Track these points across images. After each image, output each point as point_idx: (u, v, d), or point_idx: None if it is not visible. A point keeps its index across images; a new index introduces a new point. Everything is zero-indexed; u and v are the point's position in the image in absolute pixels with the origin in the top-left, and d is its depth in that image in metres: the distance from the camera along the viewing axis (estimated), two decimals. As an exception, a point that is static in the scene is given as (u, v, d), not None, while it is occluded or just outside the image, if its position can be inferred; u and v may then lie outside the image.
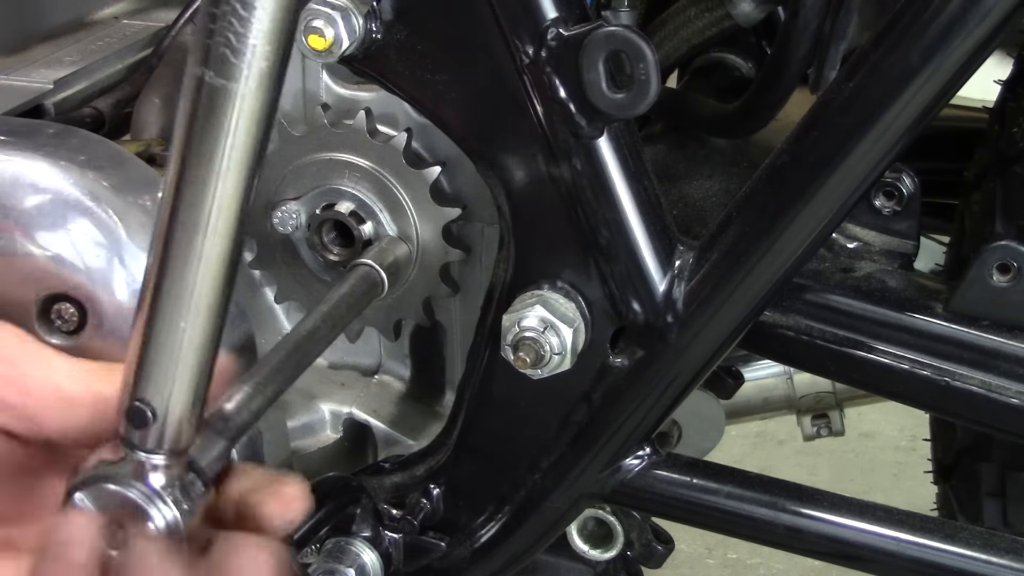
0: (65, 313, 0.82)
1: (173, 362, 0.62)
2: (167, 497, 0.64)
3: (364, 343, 1.08)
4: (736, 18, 0.99)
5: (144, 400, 0.63)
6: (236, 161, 0.58)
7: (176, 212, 0.59)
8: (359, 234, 0.97)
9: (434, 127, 0.84)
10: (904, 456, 2.41)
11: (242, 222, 0.60)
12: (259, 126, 0.58)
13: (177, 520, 0.64)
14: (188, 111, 0.57)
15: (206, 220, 0.59)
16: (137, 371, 0.63)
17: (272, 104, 0.58)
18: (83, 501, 0.65)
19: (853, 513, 0.84)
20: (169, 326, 0.61)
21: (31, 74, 1.03)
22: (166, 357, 0.62)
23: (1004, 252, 0.80)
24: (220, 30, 0.55)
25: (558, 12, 0.74)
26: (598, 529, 0.98)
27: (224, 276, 0.61)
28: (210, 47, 0.55)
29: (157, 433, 0.64)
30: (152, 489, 0.64)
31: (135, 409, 0.63)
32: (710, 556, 2.18)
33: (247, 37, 0.55)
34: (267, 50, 0.56)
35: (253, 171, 0.59)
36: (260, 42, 0.55)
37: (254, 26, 0.55)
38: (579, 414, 0.85)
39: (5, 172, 0.82)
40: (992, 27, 0.66)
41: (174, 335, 0.61)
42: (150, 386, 0.63)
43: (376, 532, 0.91)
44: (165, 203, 0.59)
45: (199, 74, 0.56)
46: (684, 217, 0.97)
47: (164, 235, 0.60)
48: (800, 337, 0.84)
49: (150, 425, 0.63)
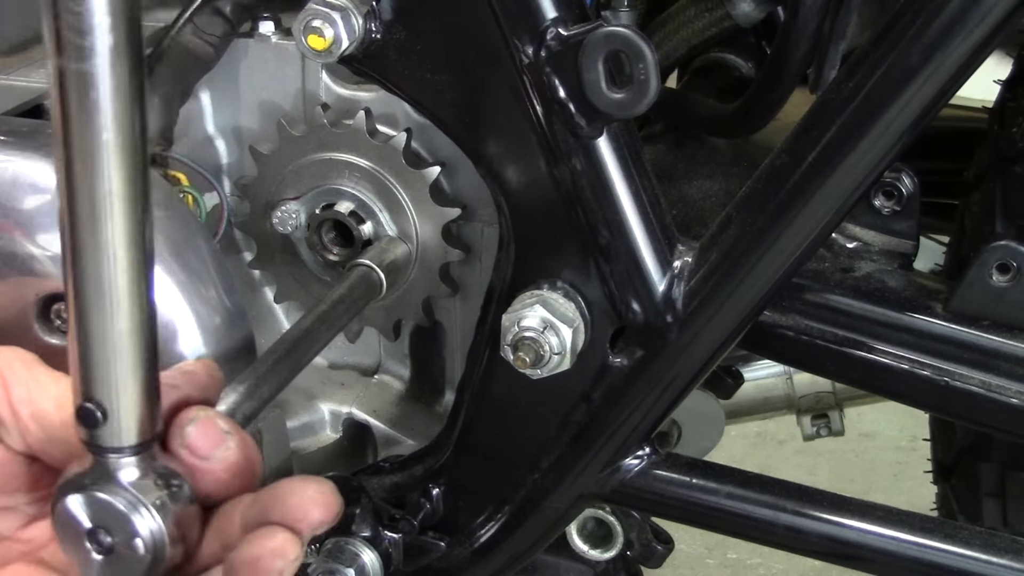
0: (64, 313, 0.82)
1: (110, 357, 0.61)
2: (139, 493, 0.63)
3: (364, 343, 1.08)
4: (736, 18, 0.99)
5: (93, 400, 0.62)
6: (115, 143, 0.57)
7: (73, 208, 0.58)
8: (359, 234, 0.97)
9: (434, 127, 0.84)
10: (904, 456, 2.41)
11: (140, 204, 0.59)
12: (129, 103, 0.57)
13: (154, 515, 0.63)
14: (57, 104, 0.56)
15: (102, 207, 0.58)
16: (80, 373, 0.62)
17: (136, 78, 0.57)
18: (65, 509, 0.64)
19: (853, 513, 0.84)
20: (96, 322, 0.61)
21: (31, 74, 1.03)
22: (101, 353, 0.61)
23: (1004, 252, 0.80)
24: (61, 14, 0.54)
25: (558, 12, 0.74)
26: (598, 529, 0.97)
27: (136, 260, 0.60)
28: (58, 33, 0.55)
29: (113, 430, 0.63)
30: (122, 486, 0.63)
31: (84, 410, 0.62)
32: (710, 556, 2.18)
33: (88, 17, 0.54)
34: (111, 22, 0.55)
35: (139, 149, 0.58)
36: (104, 19, 0.55)
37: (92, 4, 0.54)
38: (579, 414, 0.85)
39: (5, 172, 0.82)
40: (992, 27, 0.66)
41: (103, 329, 0.61)
42: (95, 385, 0.62)
43: (376, 532, 0.91)
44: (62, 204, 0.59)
45: (56, 64, 0.55)
46: (684, 217, 0.97)
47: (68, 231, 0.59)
48: (800, 337, 0.84)
49: (101, 424, 0.62)
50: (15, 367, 0.67)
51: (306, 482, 0.64)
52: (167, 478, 0.65)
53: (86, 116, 0.56)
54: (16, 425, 0.66)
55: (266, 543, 0.62)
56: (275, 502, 0.64)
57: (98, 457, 0.64)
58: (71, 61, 0.55)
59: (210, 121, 1.05)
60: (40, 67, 1.05)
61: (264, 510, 0.64)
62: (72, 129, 0.57)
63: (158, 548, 0.64)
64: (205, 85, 1.03)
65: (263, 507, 0.64)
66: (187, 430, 0.65)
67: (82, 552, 0.65)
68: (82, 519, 0.64)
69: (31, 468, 0.69)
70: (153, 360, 0.63)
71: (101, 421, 0.62)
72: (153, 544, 0.64)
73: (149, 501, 0.64)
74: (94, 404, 0.62)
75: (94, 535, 0.64)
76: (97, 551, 0.65)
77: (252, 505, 0.65)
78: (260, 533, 0.63)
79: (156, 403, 0.64)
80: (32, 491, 0.70)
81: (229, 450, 0.66)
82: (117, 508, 0.64)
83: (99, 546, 0.65)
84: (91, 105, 0.56)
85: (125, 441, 0.63)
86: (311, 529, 0.63)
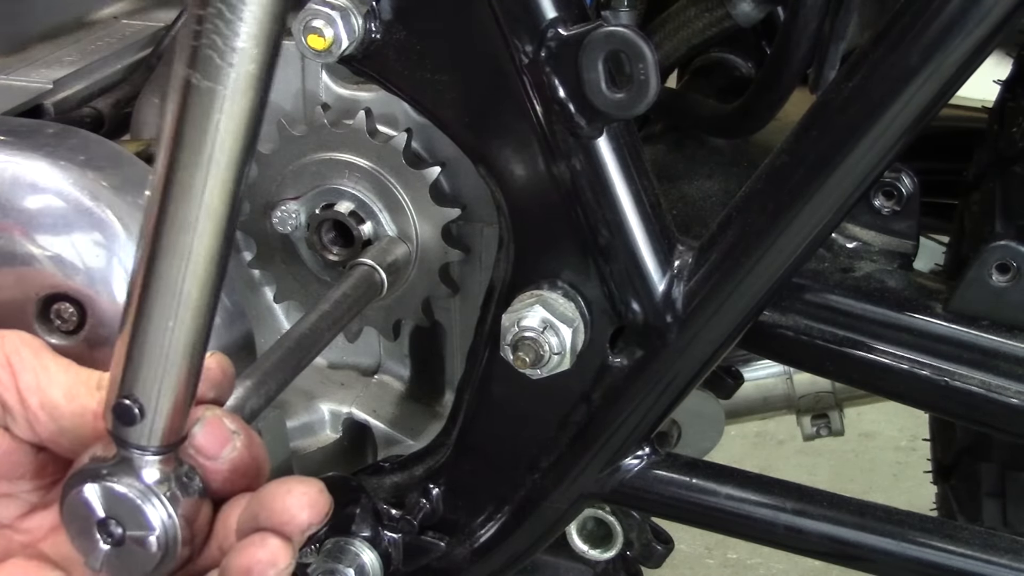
0: (64, 313, 0.82)
1: (161, 360, 0.62)
2: (160, 492, 0.64)
3: (364, 343, 1.08)
4: (736, 18, 0.99)
5: (132, 397, 0.63)
6: (223, 162, 0.57)
7: (164, 212, 0.59)
8: (359, 234, 0.97)
9: (434, 127, 0.84)
10: (904, 456, 2.41)
11: (231, 221, 0.60)
12: (246, 128, 0.58)
13: (171, 515, 0.64)
14: (175, 112, 0.57)
15: (194, 219, 0.59)
16: (125, 368, 0.63)
17: (259, 106, 0.58)
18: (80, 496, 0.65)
19: (853, 513, 0.84)
20: (157, 325, 0.61)
21: (31, 74, 1.04)
22: (154, 355, 0.62)
23: (1004, 252, 0.80)
24: (206, 32, 0.54)
25: (557, 12, 0.74)
26: (598, 529, 0.97)
27: (212, 275, 0.61)
28: (196, 49, 0.55)
29: (146, 430, 0.64)
30: (145, 484, 0.64)
31: (123, 406, 0.63)
32: (710, 556, 2.18)
33: (234, 40, 0.55)
34: (254, 53, 0.55)
35: (241, 171, 0.59)
36: (248, 45, 0.55)
37: (241, 29, 0.54)
38: (578, 414, 0.85)
39: (5, 172, 0.82)
40: (992, 27, 0.66)
41: (162, 333, 0.61)
42: (138, 384, 0.63)
43: (375, 532, 0.91)
44: (152, 203, 0.59)
45: (185, 75, 0.56)
46: (684, 217, 0.96)
47: (152, 234, 0.60)
48: (800, 337, 0.84)
49: (138, 422, 0.63)
50: (23, 354, 0.67)
51: (293, 484, 0.64)
52: (186, 479, 0.65)
53: (201, 132, 0.57)
54: (24, 414, 0.66)
55: (257, 552, 0.62)
56: (263, 507, 0.63)
57: (123, 451, 0.64)
58: (203, 78, 0.56)
59: (210, 121, 1.05)
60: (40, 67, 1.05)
61: (254, 514, 0.64)
62: (183, 140, 0.57)
63: (170, 546, 0.65)
64: (205, 85, 1.03)
65: (253, 511, 0.64)
66: (194, 431, 0.66)
67: (90, 540, 0.66)
68: (96, 508, 0.65)
69: (37, 457, 0.69)
70: (199, 371, 0.64)
71: (138, 419, 0.63)
72: (166, 542, 0.65)
73: (168, 502, 0.65)
74: (134, 402, 0.63)
75: (105, 525, 0.65)
76: (106, 541, 0.65)
77: (245, 509, 0.65)
78: (251, 541, 0.63)
79: (190, 409, 0.65)
80: (36, 479, 0.70)
81: (236, 451, 0.66)
82: (135, 503, 0.64)
83: (109, 536, 0.65)
84: (210, 123, 0.57)
85: (154, 441, 0.64)
86: (301, 532, 0.63)
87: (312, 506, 0.63)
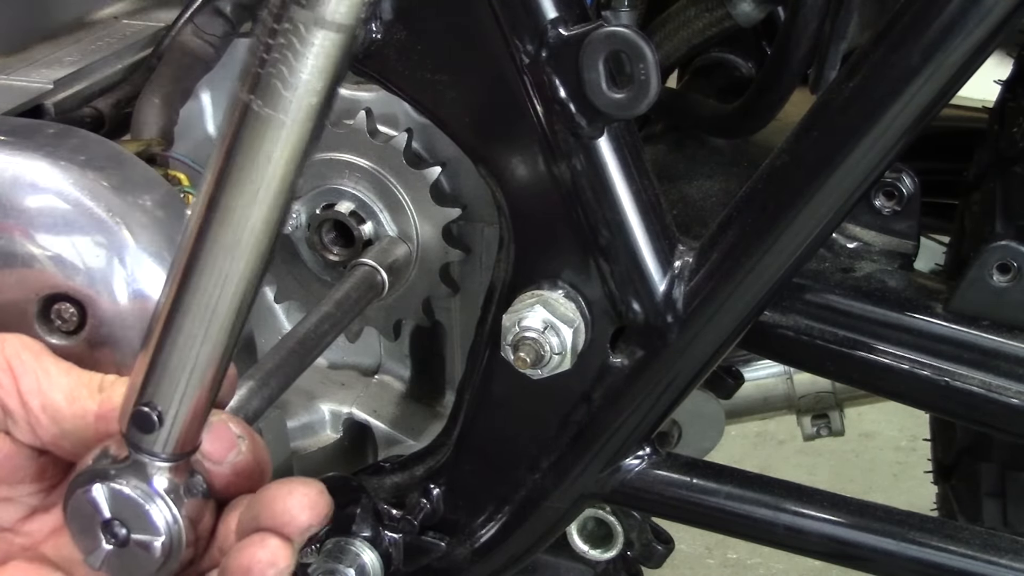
0: (65, 313, 0.82)
1: (185, 372, 0.62)
2: (168, 498, 0.64)
3: (364, 343, 1.08)
4: (736, 18, 0.99)
5: (152, 405, 0.63)
6: (273, 190, 0.58)
7: (205, 231, 0.59)
8: (359, 234, 0.97)
9: (434, 127, 0.84)
10: (904, 456, 2.41)
11: (271, 247, 0.60)
12: (300, 158, 0.58)
13: (177, 520, 0.65)
14: (231, 135, 0.57)
15: (236, 242, 0.59)
16: (148, 376, 0.63)
17: (315, 138, 0.58)
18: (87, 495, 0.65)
19: (853, 513, 0.84)
20: (186, 339, 0.62)
21: (31, 74, 1.03)
22: (179, 368, 0.62)
23: (1004, 252, 0.80)
24: (273, 61, 0.55)
25: (558, 12, 0.74)
26: (598, 529, 0.97)
27: (247, 297, 0.61)
28: (260, 76, 0.56)
29: (162, 438, 0.64)
30: (154, 490, 0.64)
31: (142, 413, 0.63)
32: (710, 556, 2.18)
33: (301, 72, 0.55)
34: (318, 87, 0.56)
35: (288, 200, 0.59)
36: (313, 78, 0.56)
37: (309, 62, 0.55)
38: (579, 414, 0.85)
39: (5, 172, 0.82)
40: (992, 27, 0.66)
41: (190, 348, 0.62)
42: (159, 392, 0.63)
43: (376, 532, 0.91)
44: (195, 219, 0.60)
45: (246, 100, 0.56)
46: (684, 217, 0.97)
47: (191, 249, 0.60)
48: (800, 337, 0.84)
49: (155, 430, 0.63)
50: (24, 357, 0.67)
51: (293, 485, 0.64)
52: (194, 486, 0.66)
53: (253, 155, 0.57)
54: (26, 418, 0.66)
55: (257, 552, 0.62)
56: (264, 507, 0.63)
57: (136, 455, 0.64)
58: (264, 105, 0.56)
59: (210, 121, 1.05)
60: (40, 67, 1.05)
61: (255, 515, 0.64)
62: (235, 161, 0.58)
63: (174, 550, 0.65)
64: (205, 85, 1.03)
65: (254, 512, 0.64)
66: (200, 436, 0.66)
67: (92, 539, 0.66)
68: (103, 509, 0.65)
69: (38, 460, 0.69)
70: (220, 385, 0.65)
71: (156, 426, 0.63)
72: (170, 546, 0.65)
73: (176, 508, 0.65)
74: (153, 409, 0.63)
75: (109, 526, 0.65)
76: (109, 541, 0.65)
77: (246, 510, 0.65)
78: (251, 541, 0.63)
79: (205, 421, 0.65)
80: (37, 483, 0.70)
81: (241, 455, 0.66)
82: (143, 507, 0.65)
83: (112, 537, 0.65)
84: (263, 148, 0.57)
85: (168, 449, 0.65)
86: (300, 533, 0.63)
87: (312, 507, 0.63)
